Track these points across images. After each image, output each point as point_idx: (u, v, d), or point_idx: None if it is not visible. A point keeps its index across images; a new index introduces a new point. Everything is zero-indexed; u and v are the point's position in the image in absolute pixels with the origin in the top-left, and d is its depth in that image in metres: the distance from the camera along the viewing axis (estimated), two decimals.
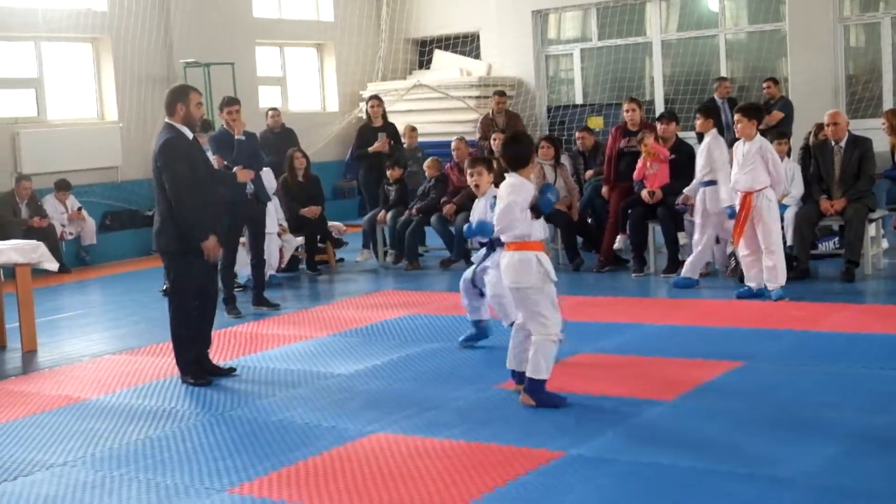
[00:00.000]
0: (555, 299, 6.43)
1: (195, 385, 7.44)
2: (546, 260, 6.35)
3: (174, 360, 7.71)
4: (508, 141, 6.77)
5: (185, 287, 7.49)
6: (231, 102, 9.89)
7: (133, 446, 6.16)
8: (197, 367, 7.57)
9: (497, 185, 6.97)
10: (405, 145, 13.76)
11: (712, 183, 9.97)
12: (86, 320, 10.59)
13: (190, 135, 7.43)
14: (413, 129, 13.94)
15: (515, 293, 6.44)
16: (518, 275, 6.32)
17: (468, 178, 7.97)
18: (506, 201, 6.28)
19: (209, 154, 8.86)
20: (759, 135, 9.43)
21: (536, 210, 6.29)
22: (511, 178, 6.40)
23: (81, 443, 6.30)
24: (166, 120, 7.43)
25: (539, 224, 6.39)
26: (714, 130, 10.16)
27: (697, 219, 10.12)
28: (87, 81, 16.24)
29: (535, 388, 6.36)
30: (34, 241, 9.57)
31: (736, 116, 9.46)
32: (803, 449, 5.33)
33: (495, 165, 8.10)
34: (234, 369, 7.79)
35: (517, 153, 6.47)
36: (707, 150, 10.05)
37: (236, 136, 9.68)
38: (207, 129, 10.32)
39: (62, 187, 14.52)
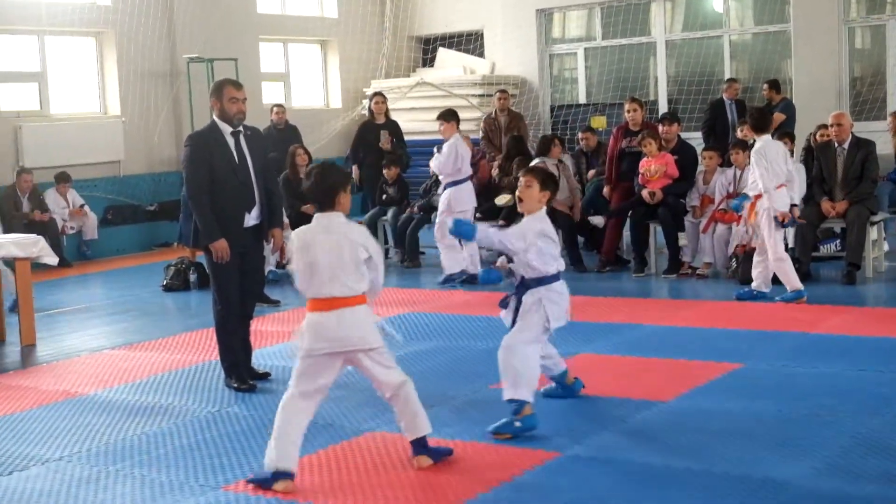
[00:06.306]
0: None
1: (238, 390, 7.13)
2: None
3: (180, 357, 7.57)
4: None
5: (222, 284, 7.17)
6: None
7: (129, 442, 6.16)
8: (242, 371, 7.28)
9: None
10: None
11: None
12: (85, 315, 10.58)
13: (228, 130, 7.13)
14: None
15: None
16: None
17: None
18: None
19: None
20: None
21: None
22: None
23: (77, 438, 6.30)
24: None
25: None
26: None
27: None
28: (90, 76, 16.23)
29: (424, 444, 5.44)
30: (34, 236, 9.56)
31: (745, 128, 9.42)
32: (799, 451, 5.31)
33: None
34: (269, 374, 7.48)
35: None
36: None
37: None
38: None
39: (62, 179, 14.53)
